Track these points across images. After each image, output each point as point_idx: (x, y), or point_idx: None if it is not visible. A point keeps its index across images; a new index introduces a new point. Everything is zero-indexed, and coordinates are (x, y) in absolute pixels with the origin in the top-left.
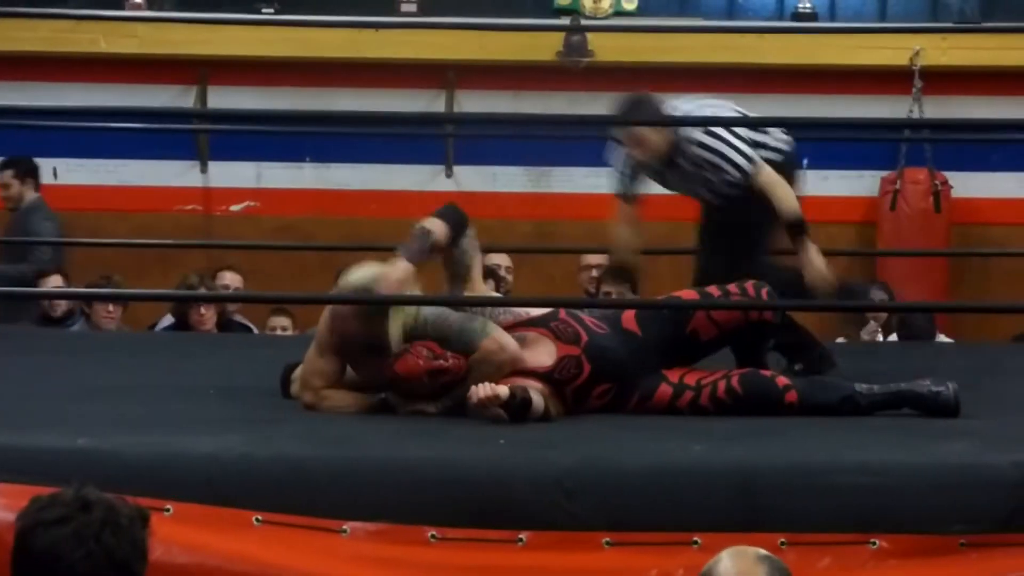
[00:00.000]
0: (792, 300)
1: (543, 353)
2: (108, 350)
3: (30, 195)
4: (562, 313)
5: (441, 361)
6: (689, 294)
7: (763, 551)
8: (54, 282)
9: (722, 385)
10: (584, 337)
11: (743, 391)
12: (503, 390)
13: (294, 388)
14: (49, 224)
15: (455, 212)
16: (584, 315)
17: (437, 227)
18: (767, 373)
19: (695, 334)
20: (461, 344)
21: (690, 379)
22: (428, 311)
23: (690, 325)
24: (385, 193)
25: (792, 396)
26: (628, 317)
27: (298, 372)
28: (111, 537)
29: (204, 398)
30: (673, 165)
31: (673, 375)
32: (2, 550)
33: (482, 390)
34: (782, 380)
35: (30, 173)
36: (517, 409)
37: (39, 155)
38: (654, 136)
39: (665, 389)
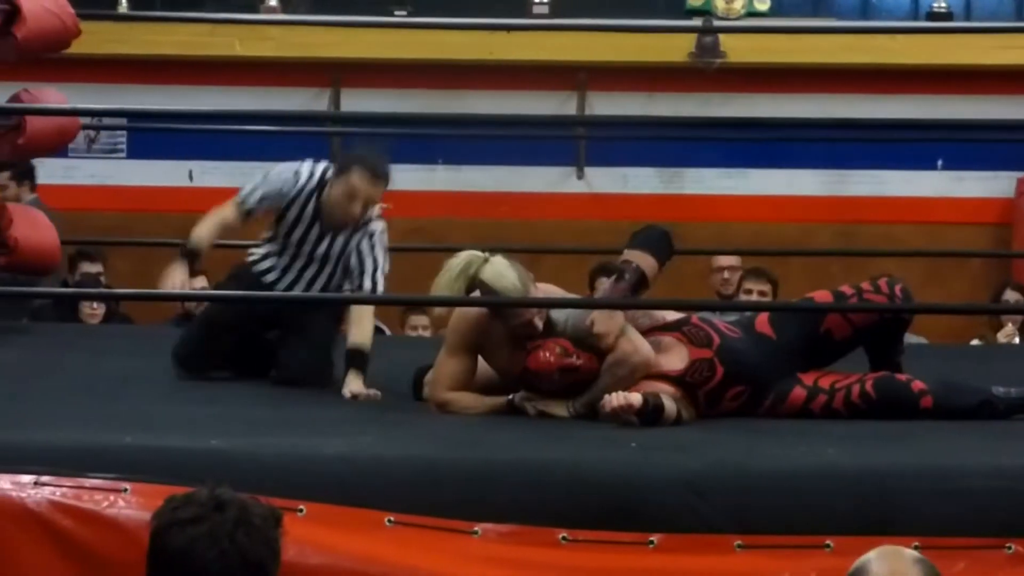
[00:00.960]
0: (925, 303)
1: (676, 357)
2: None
3: (27, 196)
4: (694, 318)
5: (573, 359)
6: (823, 295)
7: (917, 553)
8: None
9: (856, 389)
10: (716, 340)
11: (877, 395)
12: (636, 398)
13: (426, 391)
14: None
15: (665, 243)
16: (717, 319)
17: (647, 263)
18: (902, 377)
19: (829, 334)
20: (596, 343)
21: (824, 382)
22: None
23: (824, 325)
24: (516, 195)
25: (928, 401)
26: (762, 320)
27: (430, 375)
28: (245, 537)
29: (335, 399)
30: None
31: (807, 378)
32: (138, 549)
33: (616, 399)
34: (918, 384)
35: (27, 175)
36: (650, 415)
37: (175, 157)
38: None
39: (799, 392)
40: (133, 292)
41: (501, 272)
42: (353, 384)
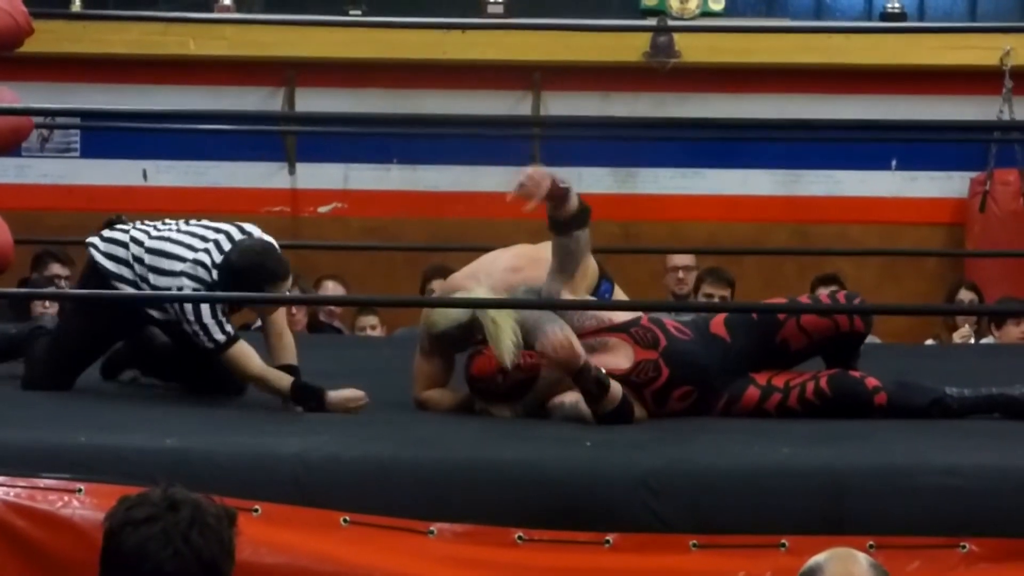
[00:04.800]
0: (882, 304)
1: (621, 357)
2: None
3: None
4: (644, 319)
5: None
6: (780, 301)
7: (869, 557)
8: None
9: (811, 386)
10: (663, 342)
11: (832, 392)
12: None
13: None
14: None
15: (583, 203)
16: (667, 320)
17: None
18: (856, 374)
19: (785, 344)
20: (534, 340)
21: (778, 381)
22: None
23: (780, 335)
24: (472, 194)
25: (882, 398)
26: (717, 322)
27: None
28: (199, 536)
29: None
30: None
31: (761, 377)
32: (93, 550)
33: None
34: (872, 381)
35: None
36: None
37: (129, 156)
38: None
39: (753, 392)
40: (81, 292)
41: (503, 328)
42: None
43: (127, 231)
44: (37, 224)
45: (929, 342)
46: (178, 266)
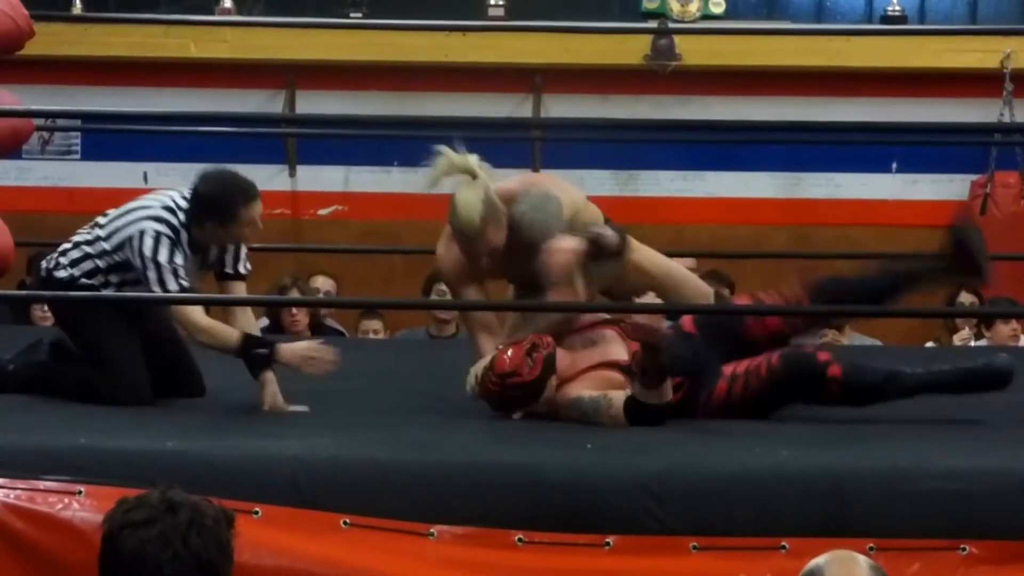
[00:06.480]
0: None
1: (619, 348)
2: (196, 353)
3: None
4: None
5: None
6: (743, 298)
7: (870, 560)
8: None
9: (764, 365)
10: None
11: (782, 367)
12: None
13: (470, 381)
14: None
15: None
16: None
17: (611, 238)
18: (808, 349)
19: (756, 342)
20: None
21: (739, 369)
22: None
23: (749, 335)
24: None
25: (835, 371)
26: (687, 321)
27: (477, 367)
28: (197, 539)
29: (292, 402)
30: None
31: (727, 369)
32: (93, 552)
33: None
34: (823, 355)
35: None
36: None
37: (129, 159)
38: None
39: (721, 384)
40: (82, 294)
41: (470, 202)
42: (269, 398)
43: (90, 229)
44: (38, 226)
45: (929, 344)
46: (138, 214)
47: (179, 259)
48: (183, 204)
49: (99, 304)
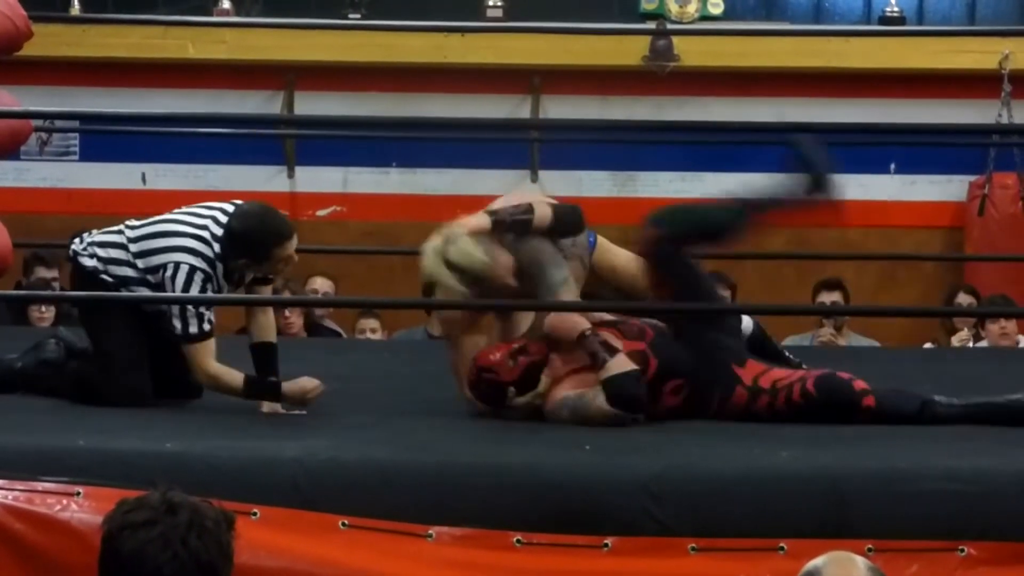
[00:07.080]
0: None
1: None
2: None
3: None
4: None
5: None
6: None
7: (868, 561)
8: None
9: (797, 388)
10: (650, 334)
11: (819, 393)
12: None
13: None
14: None
15: (572, 212)
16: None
17: (542, 210)
18: (844, 375)
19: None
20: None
21: (764, 381)
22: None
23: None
24: (470, 198)
25: (870, 400)
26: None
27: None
28: (197, 540)
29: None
30: None
31: (747, 376)
32: (92, 553)
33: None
34: (859, 384)
35: None
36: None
37: (128, 160)
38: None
39: (741, 392)
40: (81, 294)
41: (467, 251)
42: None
43: (120, 231)
44: (36, 227)
45: (928, 345)
46: (174, 241)
47: (210, 293)
48: (218, 232)
49: (112, 304)
